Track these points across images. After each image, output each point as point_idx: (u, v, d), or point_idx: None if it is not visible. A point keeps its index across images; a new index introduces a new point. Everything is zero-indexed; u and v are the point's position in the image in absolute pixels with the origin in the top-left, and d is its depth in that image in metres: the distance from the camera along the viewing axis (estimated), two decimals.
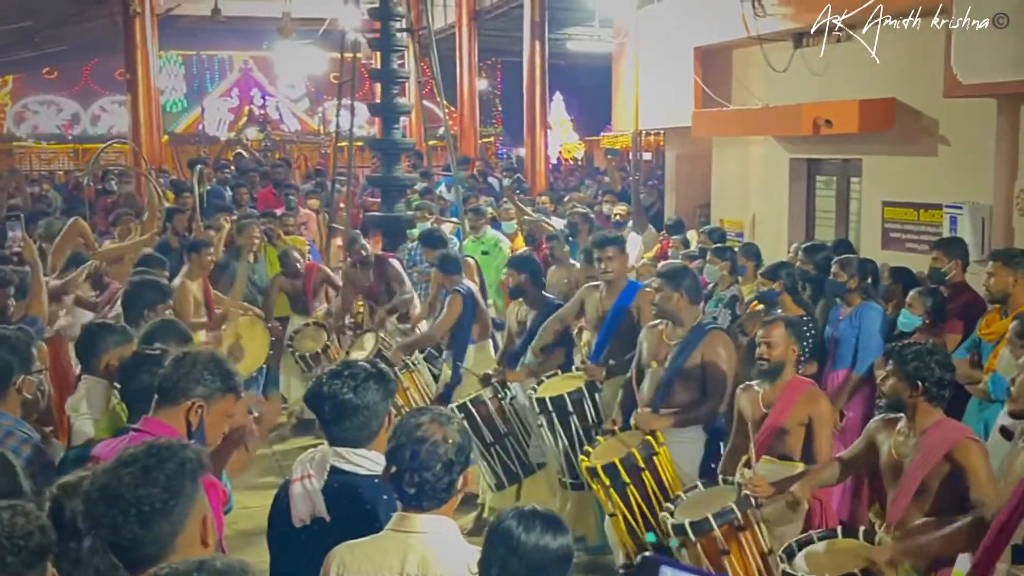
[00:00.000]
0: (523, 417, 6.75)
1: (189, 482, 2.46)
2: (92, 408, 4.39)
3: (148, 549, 2.36)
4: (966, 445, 4.20)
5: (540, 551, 2.72)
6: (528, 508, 2.84)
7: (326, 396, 3.29)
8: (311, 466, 3.32)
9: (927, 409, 4.33)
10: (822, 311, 7.35)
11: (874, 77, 8.98)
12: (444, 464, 2.90)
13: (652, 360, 5.98)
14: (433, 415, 3.00)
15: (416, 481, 2.89)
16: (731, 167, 11.84)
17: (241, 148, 22.73)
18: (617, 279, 6.84)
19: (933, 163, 8.73)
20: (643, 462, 5.29)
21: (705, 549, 4.57)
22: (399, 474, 2.91)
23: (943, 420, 4.36)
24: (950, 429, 4.32)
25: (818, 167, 10.65)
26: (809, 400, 5.19)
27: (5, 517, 2.27)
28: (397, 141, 12.02)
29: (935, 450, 4.24)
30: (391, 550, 2.92)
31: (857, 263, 7.05)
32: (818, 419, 5.17)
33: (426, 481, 2.89)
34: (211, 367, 3.55)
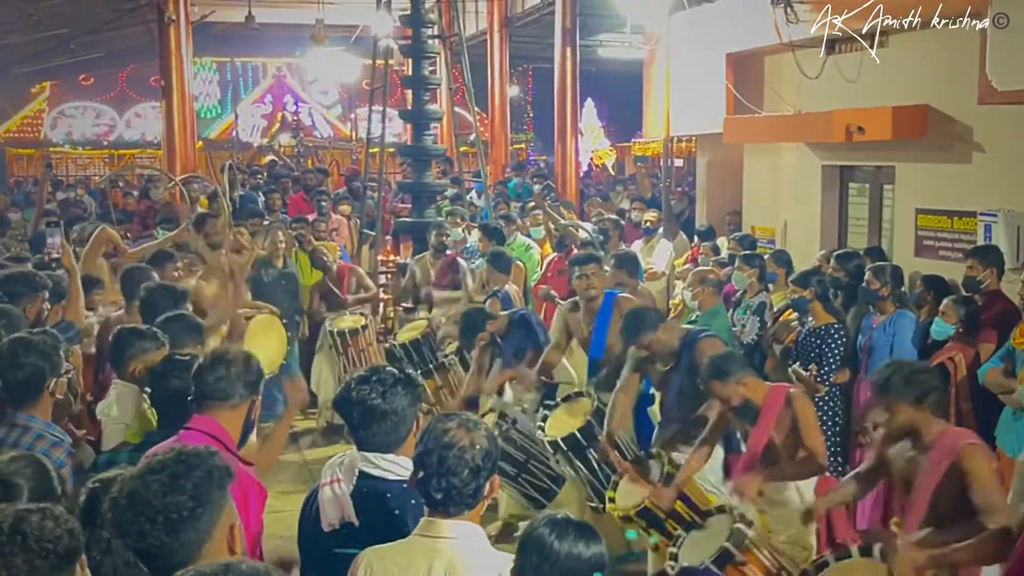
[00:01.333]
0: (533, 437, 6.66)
1: (217, 490, 2.48)
2: (123, 412, 4.45)
3: (175, 557, 2.37)
4: (968, 450, 4.19)
5: (573, 559, 2.72)
6: (561, 516, 2.85)
7: (355, 402, 3.30)
8: (340, 471, 3.34)
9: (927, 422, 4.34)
10: (854, 319, 7.31)
11: (907, 83, 8.91)
12: (471, 470, 2.91)
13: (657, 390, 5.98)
14: (461, 421, 3.01)
15: (443, 486, 2.90)
16: (763, 174, 11.78)
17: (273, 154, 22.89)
18: (597, 296, 6.88)
19: (967, 170, 8.64)
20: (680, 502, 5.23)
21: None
22: (426, 479, 2.92)
23: (947, 430, 4.37)
24: (953, 437, 4.31)
25: (851, 174, 10.57)
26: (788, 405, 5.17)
27: (35, 520, 2.28)
28: (428, 147, 12.08)
29: (941, 460, 4.23)
30: (418, 555, 2.93)
31: (890, 271, 7.01)
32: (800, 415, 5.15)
33: (453, 486, 2.90)
34: (252, 366, 3.67)
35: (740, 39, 11.28)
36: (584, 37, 18.51)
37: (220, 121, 30.15)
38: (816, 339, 7.00)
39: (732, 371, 5.14)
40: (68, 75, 28.14)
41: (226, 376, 3.59)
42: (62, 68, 25.91)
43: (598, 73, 24.12)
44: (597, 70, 23.76)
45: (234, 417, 3.62)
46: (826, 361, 6.91)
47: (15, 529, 2.23)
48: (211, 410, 3.59)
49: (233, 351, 3.71)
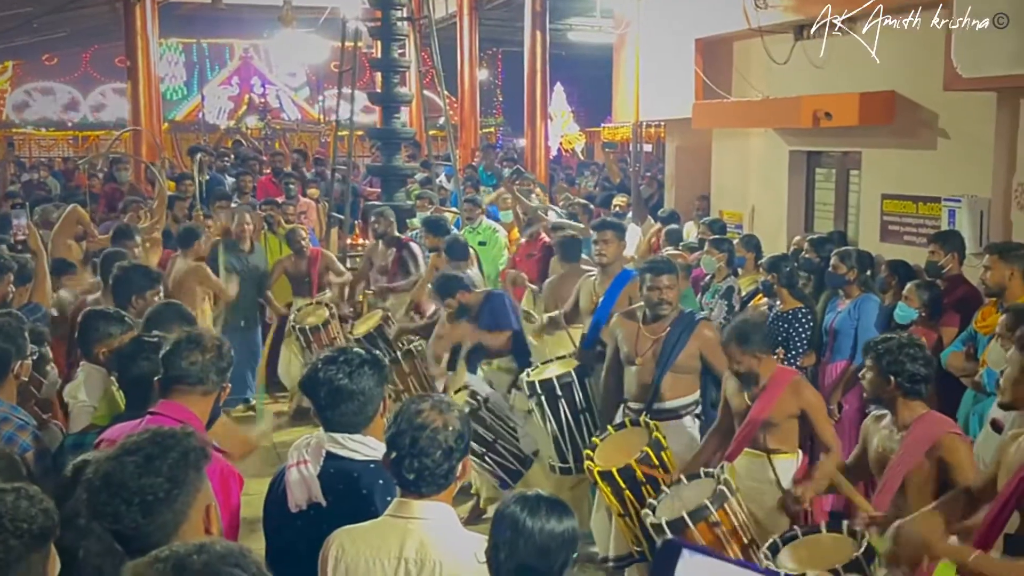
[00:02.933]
0: (504, 415, 6.71)
1: (193, 471, 2.48)
2: (90, 395, 4.42)
3: (151, 538, 2.37)
4: (949, 441, 4.22)
5: (546, 535, 2.76)
6: (532, 493, 2.88)
7: (321, 382, 3.31)
8: (307, 452, 3.34)
9: (906, 403, 4.36)
10: (824, 303, 7.39)
11: (874, 70, 8.98)
12: (444, 451, 2.92)
13: (636, 356, 5.98)
14: (434, 402, 3.02)
15: (416, 467, 2.91)
16: (731, 159, 11.85)
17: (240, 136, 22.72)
18: (613, 265, 6.87)
19: (932, 156, 8.74)
20: (656, 460, 5.26)
21: None
22: (399, 460, 2.93)
23: (927, 414, 4.37)
24: (933, 424, 4.33)
25: (818, 159, 10.66)
26: (795, 392, 5.18)
27: (9, 500, 2.27)
28: (397, 130, 12.04)
29: (918, 445, 4.26)
30: (389, 535, 2.95)
31: (856, 255, 7.09)
32: (811, 409, 5.18)
33: (426, 467, 2.91)
34: (224, 353, 3.63)
35: (709, 24, 11.33)
36: (554, 21, 18.49)
37: (186, 103, 29.87)
38: (783, 323, 7.07)
39: (753, 342, 5.16)
40: (31, 55, 27.77)
41: (200, 361, 3.55)
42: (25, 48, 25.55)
43: (568, 57, 24.13)
44: (567, 54, 23.77)
45: (204, 403, 3.58)
46: (793, 345, 6.98)
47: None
48: (181, 395, 3.54)
49: (207, 336, 3.67)
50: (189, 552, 1.91)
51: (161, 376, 3.60)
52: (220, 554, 1.92)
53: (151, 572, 1.88)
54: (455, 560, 2.89)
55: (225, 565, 1.90)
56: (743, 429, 5.22)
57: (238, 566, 1.91)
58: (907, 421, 4.35)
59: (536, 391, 6.29)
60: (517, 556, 2.74)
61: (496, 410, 6.70)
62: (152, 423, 3.24)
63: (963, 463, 4.18)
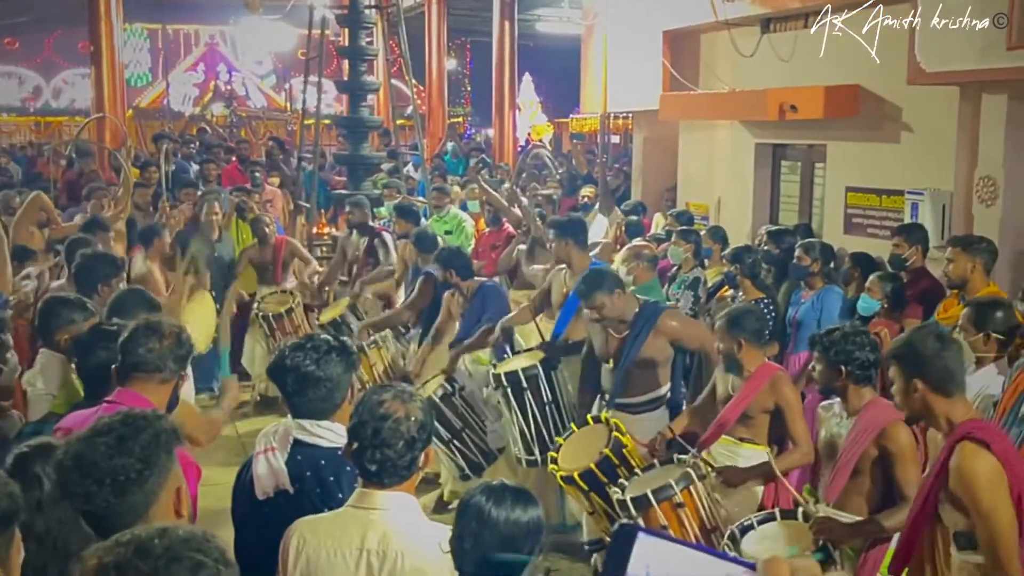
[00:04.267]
0: (476, 407, 6.75)
1: (164, 453, 2.48)
2: (49, 382, 4.38)
3: (121, 519, 2.36)
4: (893, 428, 4.29)
5: (511, 524, 2.75)
6: (497, 483, 2.87)
7: (289, 368, 3.30)
8: (274, 439, 3.33)
9: (856, 390, 4.47)
10: (785, 294, 7.45)
11: (839, 63, 9.05)
12: (406, 441, 2.90)
13: (608, 358, 6.00)
14: (396, 392, 3.00)
15: (378, 458, 2.89)
16: (698, 151, 11.89)
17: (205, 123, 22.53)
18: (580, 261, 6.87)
19: (896, 149, 8.82)
20: (617, 460, 5.23)
21: (647, 523, 4.64)
22: (361, 450, 2.91)
23: (875, 400, 4.47)
24: (881, 411, 4.39)
25: (783, 152, 10.73)
26: (773, 387, 5.21)
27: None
28: (364, 119, 12.01)
29: (866, 432, 4.35)
30: (351, 526, 2.93)
31: (820, 247, 7.15)
32: (787, 405, 5.20)
33: (388, 458, 2.89)
34: (184, 339, 3.61)
35: (677, 16, 11.36)
36: (522, 11, 18.50)
37: (151, 90, 29.57)
38: None
39: (742, 328, 5.20)
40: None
41: (158, 348, 3.53)
42: None
43: (536, 48, 24.13)
44: (535, 45, 23.77)
45: (161, 392, 3.56)
46: None
47: None
48: (138, 383, 3.52)
49: (166, 323, 3.65)
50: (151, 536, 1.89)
51: (118, 364, 3.57)
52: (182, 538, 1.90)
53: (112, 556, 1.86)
54: (418, 551, 2.87)
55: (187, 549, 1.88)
56: (720, 417, 5.26)
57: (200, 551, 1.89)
58: (857, 407, 4.46)
59: (502, 383, 6.26)
60: (482, 546, 2.73)
61: (469, 399, 6.72)
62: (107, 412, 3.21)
63: (902, 450, 4.27)
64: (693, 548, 1.18)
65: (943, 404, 3.63)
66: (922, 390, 3.64)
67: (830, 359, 4.46)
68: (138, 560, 1.84)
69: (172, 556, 1.85)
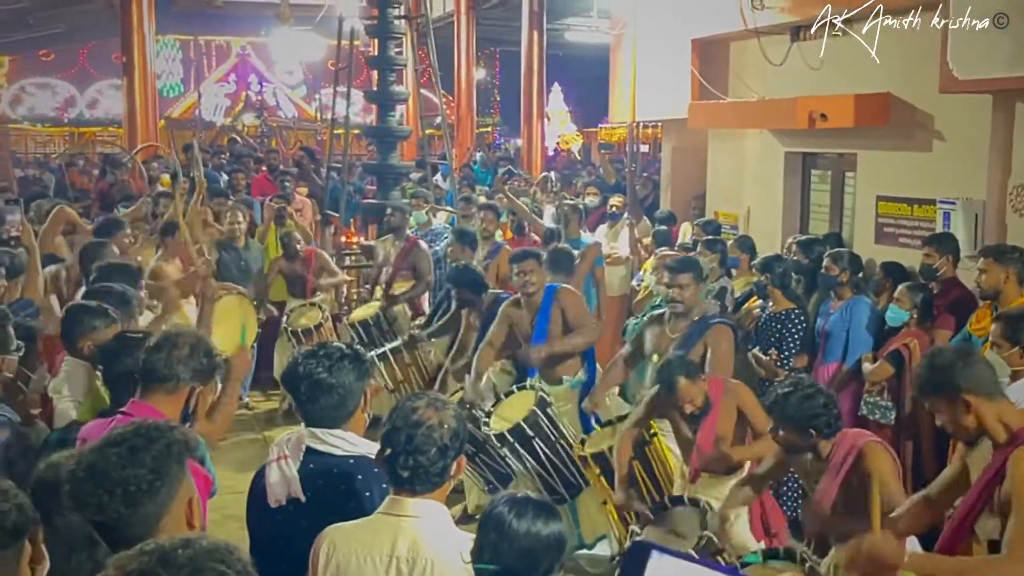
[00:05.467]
0: None
1: (176, 464, 2.48)
2: (74, 390, 4.39)
3: (133, 529, 2.36)
4: (871, 448, 4.20)
5: (531, 537, 2.74)
6: (521, 495, 2.87)
7: (301, 376, 3.31)
8: (287, 447, 3.35)
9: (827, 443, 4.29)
10: (815, 304, 7.40)
11: (870, 72, 8.98)
12: (439, 449, 2.91)
13: (655, 353, 6.02)
14: (430, 400, 3.01)
15: (410, 464, 2.89)
16: (726, 160, 11.84)
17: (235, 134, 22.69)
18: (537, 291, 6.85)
19: (927, 158, 8.74)
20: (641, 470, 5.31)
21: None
22: (393, 457, 2.91)
23: (844, 433, 4.33)
24: (852, 437, 4.30)
25: (813, 161, 10.65)
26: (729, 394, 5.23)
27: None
28: (393, 129, 12.04)
29: (845, 459, 4.22)
30: (381, 532, 2.93)
31: (848, 257, 7.10)
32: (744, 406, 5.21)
33: (420, 465, 2.90)
34: (201, 350, 3.59)
35: (706, 25, 11.32)
36: (551, 21, 18.52)
37: (183, 100, 29.82)
38: (776, 324, 7.08)
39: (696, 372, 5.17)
40: (27, 50, 27.71)
41: (167, 358, 3.51)
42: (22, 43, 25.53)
43: (565, 57, 24.15)
44: (564, 54, 23.78)
45: (174, 401, 3.55)
46: (786, 346, 6.99)
47: None
48: (152, 393, 3.52)
49: (185, 334, 3.63)
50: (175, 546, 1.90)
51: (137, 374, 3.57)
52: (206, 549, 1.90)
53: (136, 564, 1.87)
54: (448, 559, 2.86)
55: (211, 560, 1.88)
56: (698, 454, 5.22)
57: (223, 562, 1.89)
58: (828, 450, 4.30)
59: (507, 440, 6.06)
60: (501, 558, 2.73)
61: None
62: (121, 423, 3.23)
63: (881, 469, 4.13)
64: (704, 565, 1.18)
65: (994, 408, 3.57)
66: (974, 403, 3.57)
67: (798, 425, 4.25)
68: (161, 570, 1.85)
69: (195, 567, 1.85)
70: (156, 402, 3.49)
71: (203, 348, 3.61)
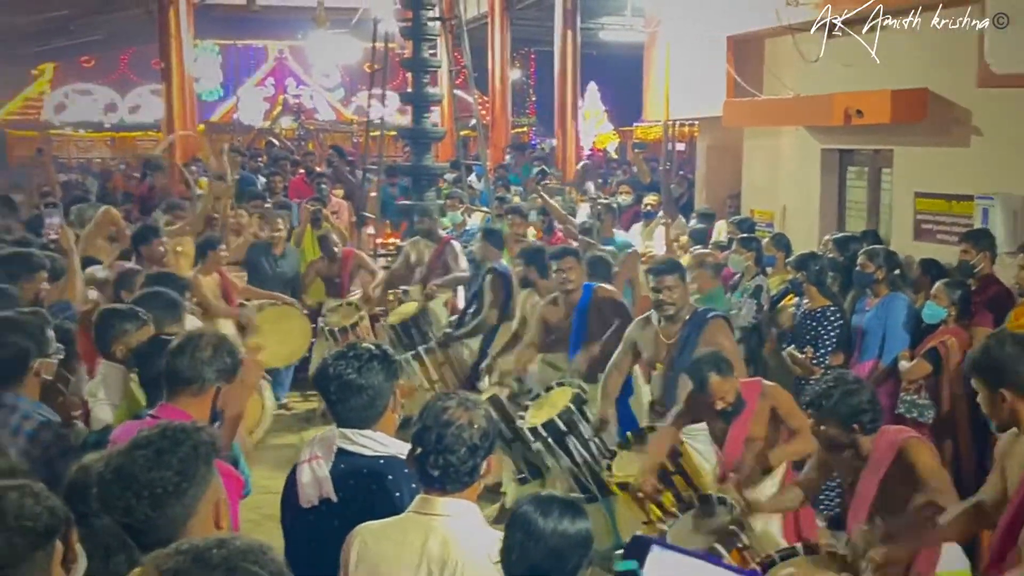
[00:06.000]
0: None
1: (203, 465, 2.49)
2: (110, 393, 4.45)
3: (161, 531, 2.38)
4: (912, 443, 4.16)
5: (558, 536, 2.74)
6: (546, 494, 2.88)
7: (331, 377, 3.33)
8: (319, 448, 3.37)
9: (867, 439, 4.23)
10: (851, 302, 7.34)
11: (907, 67, 8.90)
12: (469, 448, 2.92)
13: (655, 362, 5.98)
14: (460, 399, 3.02)
15: (440, 464, 2.91)
16: (762, 157, 11.78)
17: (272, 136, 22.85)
18: (575, 289, 6.86)
19: (965, 154, 8.64)
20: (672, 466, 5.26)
21: None
22: (423, 456, 2.93)
23: (883, 431, 4.27)
24: (892, 433, 4.25)
25: (850, 158, 10.57)
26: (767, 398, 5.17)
27: (14, 497, 2.27)
28: (427, 130, 12.08)
29: (884, 456, 4.17)
30: (412, 531, 2.95)
31: (884, 254, 7.04)
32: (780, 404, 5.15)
33: (450, 464, 2.91)
34: (224, 350, 3.59)
35: (740, 22, 11.27)
36: (585, 20, 18.47)
37: (222, 104, 30.07)
38: (812, 321, 7.03)
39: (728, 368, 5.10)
40: (69, 57, 28.06)
41: (190, 361, 3.51)
42: (63, 50, 25.87)
43: (600, 57, 24.06)
44: (599, 53, 23.70)
45: (201, 403, 3.54)
46: (822, 343, 6.94)
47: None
48: (179, 396, 3.53)
49: (207, 335, 3.64)
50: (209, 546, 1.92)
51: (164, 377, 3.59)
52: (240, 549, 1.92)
53: (171, 563, 1.89)
54: (477, 558, 2.87)
55: (244, 561, 1.90)
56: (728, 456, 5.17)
57: (257, 563, 1.91)
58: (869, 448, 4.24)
59: (541, 435, 6.06)
60: (528, 558, 2.73)
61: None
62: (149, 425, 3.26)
63: (926, 462, 4.11)
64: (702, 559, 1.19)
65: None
66: (1010, 399, 3.55)
67: (842, 420, 4.18)
68: (196, 569, 1.86)
69: (229, 567, 1.87)
70: (183, 404, 3.50)
71: (226, 347, 3.60)
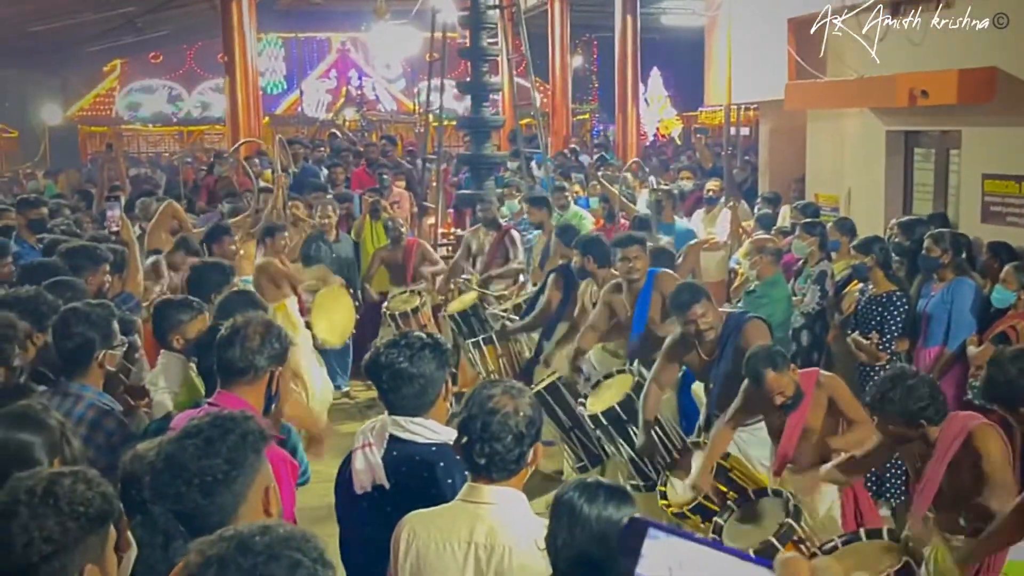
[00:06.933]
0: None
1: (252, 453, 2.54)
2: (170, 382, 4.54)
3: (211, 519, 2.42)
4: (981, 430, 4.06)
5: (603, 522, 2.71)
6: (592, 479, 2.85)
7: (383, 365, 3.36)
8: (372, 435, 3.40)
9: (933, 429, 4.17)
10: (917, 287, 7.19)
11: (974, 46, 8.67)
12: (515, 436, 2.92)
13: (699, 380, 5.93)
14: (505, 387, 3.02)
15: (486, 452, 2.92)
16: (826, 140, 11.58)
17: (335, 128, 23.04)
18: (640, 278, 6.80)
19: None
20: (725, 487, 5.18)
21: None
22: (470, 444, 2.94)
23: (953, 416, 4.20)
24: (962, 419, 4.17)
25: (916, 139, 10.34)
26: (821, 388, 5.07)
27: (67, 483, 2.31)
28: (487, 119, 12.08)
29: (953, 441, 4.09)
30: (460, 519, 2.96)
31: (950, 237, 6.88)
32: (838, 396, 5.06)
33: (496, 452, 2.92)
34: (272, 335, 3.62)
35: (801, 3, 11.08)
36: (645, 5, 18.34)
37: (286, 97, 30.42)
38: (877, 307, 6.90)
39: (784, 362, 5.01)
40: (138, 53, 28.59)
41: (241, 351, 3.53)
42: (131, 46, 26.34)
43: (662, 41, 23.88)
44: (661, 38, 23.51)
45: (255, 391, 3.58)
46: (887, 329, 6.81)
47: (48, 492, 2.27)
48: (233, 384, 3.57)
49: (253, 323, 3.65)
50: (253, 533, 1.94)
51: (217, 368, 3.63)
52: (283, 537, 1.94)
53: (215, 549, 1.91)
54: (524, 546, 2.88)
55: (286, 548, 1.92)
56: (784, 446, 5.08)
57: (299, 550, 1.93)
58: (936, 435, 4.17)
59: (601, 422, 6.04)
60: (574, 543, 2.70)
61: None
62: None
63: (992, 451, 4.02)
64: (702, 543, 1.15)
65: None
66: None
67: (906, 420, 4.13)
68: (239, 555, 1.89)
69: (272, 554, 1.89)
70: (239, 392, 3.55)
71: (274, 332, 3.63)
